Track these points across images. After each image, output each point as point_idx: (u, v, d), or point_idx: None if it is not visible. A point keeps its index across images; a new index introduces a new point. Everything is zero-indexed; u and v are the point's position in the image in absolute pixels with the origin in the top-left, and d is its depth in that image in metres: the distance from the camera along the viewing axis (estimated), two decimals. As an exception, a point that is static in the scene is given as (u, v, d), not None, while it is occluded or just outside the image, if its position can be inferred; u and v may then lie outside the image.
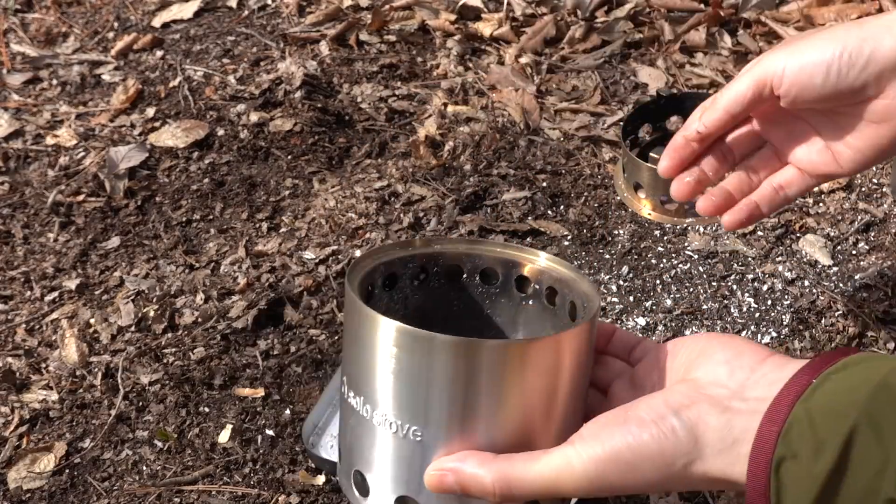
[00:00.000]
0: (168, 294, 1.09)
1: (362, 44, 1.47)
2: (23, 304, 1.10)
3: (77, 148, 1.32)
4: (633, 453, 0.50)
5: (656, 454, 0.50)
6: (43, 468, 0.92)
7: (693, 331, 1.00)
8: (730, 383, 0.51)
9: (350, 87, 1.38)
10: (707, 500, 0.85)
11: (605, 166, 1.22)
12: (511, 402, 0.53)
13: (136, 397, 0.98)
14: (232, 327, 1.03)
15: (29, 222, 1.22)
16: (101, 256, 1.16)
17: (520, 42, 1.46)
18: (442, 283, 0.68)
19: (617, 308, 1.03)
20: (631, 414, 0.51)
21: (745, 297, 1.03)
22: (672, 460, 0.50)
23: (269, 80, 1.38)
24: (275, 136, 1.29)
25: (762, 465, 0.47)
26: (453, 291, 0.68)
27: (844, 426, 0.46)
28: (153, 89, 1.41)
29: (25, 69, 1.49)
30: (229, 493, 0.88)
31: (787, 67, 0.68)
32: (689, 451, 0.50)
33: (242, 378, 0.98)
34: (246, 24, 1.54)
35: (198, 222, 1.19)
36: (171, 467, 0.91)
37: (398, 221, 1.16)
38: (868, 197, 1.13)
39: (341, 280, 1.08)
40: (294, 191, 1.22)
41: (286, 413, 0.94)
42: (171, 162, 1.28)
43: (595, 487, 0.50)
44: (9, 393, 0.99)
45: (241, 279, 1.09)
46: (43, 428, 0.96)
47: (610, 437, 0.51)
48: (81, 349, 1.03)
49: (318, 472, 0.89)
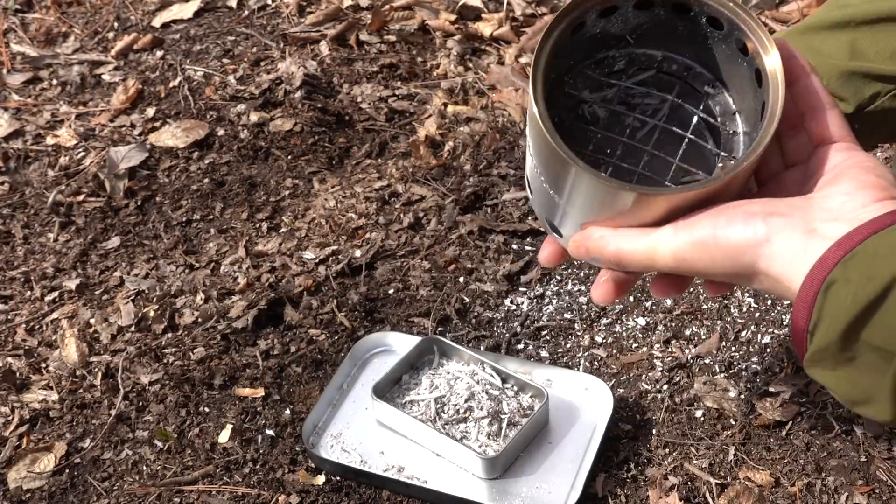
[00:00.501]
0: (168, 294, 1.09)
1: (362, 44, 1.47)
2: (23, 304, 1.10)
3: (77, 148, 1.32)
4: (715, 243, 0.55)
5: (732, 246, 0.55)
6: (43, 468, 0.92)
7: (693, 331, 1.00)
8: (835, 212, 0.55)
9: (350, 87, 1.38)
10: (707, 500, 0.85)
11: (605, 166, 1.22)
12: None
13: (136, 397, 0.98)
14: (232, 327, 1.03)
15: (29, 222, 1.22)
16: (101, 256, 1.16)
17: (520, 42, 1.46)
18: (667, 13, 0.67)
19: (617, 308, 1.03)
20: (729, 211, 0.56)
21: (745, 297, 1.03)
22: (742, 252, 0.55)
23: (269, 80, 1.38)
24: (275, 136, 1.29)
25: (816, 281, 0.52)
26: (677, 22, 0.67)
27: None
28: (153, 89, 1.41)
29: (25, 69, 1.49)
30: (229, 493, 0.88)
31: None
32: (760, 252, 0.54)
33: (242, 378, 0.98)
34: (246, 24, 1.54)
35: (198, 222, 1.19)
36: (171, 467, 0.91)
37: (398, 221, 1.16)
38: (868, 197, 1.13)
39: (341, 280, 1.08)
40: (294, 191, 1.22)
41: (286, 413, 0.94)
42: (171, 162, 1.28)
43: (680, 266, 0.57)
44: (9, 393, 0.99)
45: (241, 279, 1.09)
46: (43, 428, 0.96)
47: (702, 226, 0.56)
48: (81, 349, 1.03)
49: (318, 472, 0.89)
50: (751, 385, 0.93)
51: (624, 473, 0.87)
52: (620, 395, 0.94)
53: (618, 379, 0.96)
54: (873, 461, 0.86)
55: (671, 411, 0.92)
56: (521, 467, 0.87)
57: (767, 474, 0.86)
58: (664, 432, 0.90)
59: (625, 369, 0.97)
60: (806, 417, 0.90)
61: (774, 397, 0.91)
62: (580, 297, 1.05)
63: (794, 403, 0.91)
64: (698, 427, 0.91)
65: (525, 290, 1.06)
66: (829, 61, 0.72)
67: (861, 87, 0.73)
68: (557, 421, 0.91)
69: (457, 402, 0.90)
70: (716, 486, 0.85)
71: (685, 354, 0.97)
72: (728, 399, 0.92)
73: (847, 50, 0.72)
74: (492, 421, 0.88)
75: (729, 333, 0.99)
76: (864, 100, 0.73)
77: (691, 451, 0.89)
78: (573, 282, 1.07)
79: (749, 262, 0.55)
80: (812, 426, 0.90)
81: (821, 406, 0.91)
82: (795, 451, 0.88)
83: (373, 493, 0.87)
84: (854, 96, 0.73)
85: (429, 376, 0.93)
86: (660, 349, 0.98)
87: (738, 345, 0.98)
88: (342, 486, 0.88)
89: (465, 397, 0.90)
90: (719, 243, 0.55)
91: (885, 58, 0.71)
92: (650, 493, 0.85)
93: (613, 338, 1.00)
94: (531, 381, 0.91)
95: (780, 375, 0.94)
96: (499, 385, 0.91)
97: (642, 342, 0.99)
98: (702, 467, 0.87)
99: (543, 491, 0.85)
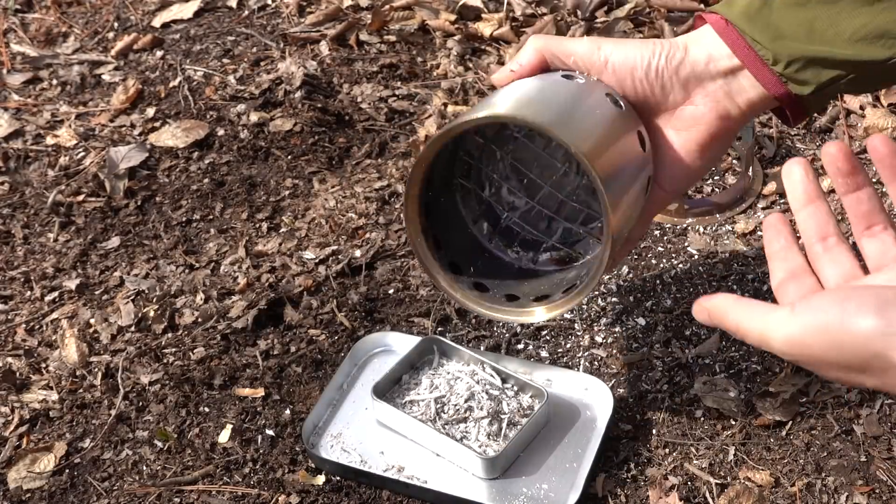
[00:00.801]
0: (168, 294, 1.09)
1: (362, 44, 1.47)
2: (23, 304, 1.10)
3: (77, 148, 1.32)
4: (843, 329, 0.51)
5: (863, 334, 0.50)
6: (43, 468, 0.92)
7: (693, 331, 1.00)
8: None
9: (350, 87, 1.38)
10: (707, 500, 0.85)
11: (605, 166, 1.22)
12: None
13: (136, 397, 0.98)
14: (232, 327, 1.03)
15: (29, 222, 1.22)
16: (101, 256, 1.16)
17: (520, 42, 1.46)
18: None
19: (617, 308, 1.03)
20: (859, 294, 0.52)
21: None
22: (873, 342, 0.50)
23: (269, 80, 1.38)
24: (275, 136, 1.29)
25: None
26: None
27: None
28: (153, 89, 1.41)
29: (25, 69, 1.49)
30: (229, 493, 0.88)
31: (611, 57, 0.77)
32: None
33: (242, 378, 0.98)
34: (246, 24, 1.54)
35: (198, 222, 1.19)
36: (171, 467, 0.91)
37: (398, 221, 1.16)
38: (868, 197, 1.13)
39: (341, 280, 1.08)
40: (294, 191, 1.22)
41: (286, 413, 0.94)
42: (171, 162, 1.28)
43: (793, 351, 0.54)
44: (9, 393, 0.99)
45: (241, 279, 1.09)
46: (43, 428, 0.96)
47: (825, 308, 0.52)
48: (81, 349, 1.03)
49: (318, 472, 0.89)
50: (751, 385, 0.93)
51: (624, 473, 0.87)
52: (620, 395, 0.94)
53: (618, 379, 0.96)
54: (873, 461, 0.86)
55: (671, 411, 0.92)
56: (521, 467, 0.87)
57: (767, 474, 0.86)
58: (664, 432, 0.90)
59: (625, 369, 0.97)
60: (806, 417, 0.91)
61: (774, 397, 0.91)
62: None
63: (794, 403, 0.91)
64: (698, 427, 0.91)
65: (525, 290, 1.06)
66: (789, 45, 0.72)
67: (820, 73, 0.73)
68: (557, 421, 0.91)
69: (457, 402, 0.90)
70: (716, 486, 0.85)
71: (685, 354, 0.97)
72: (728, 399, 0.92)
73: (806, 29, 0.71)
74: (492, 421, 0.88)
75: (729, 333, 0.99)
76: (822, 83, 0.73)
77: (691, 451, 0.89)
78: (573, 282, 1.07)
79: (882, 352, 0.50)
80: (812, 426, 0.90)
81: (821, 406, 0.91)
82: (795, 451, 0.88)
83: (373, 493, 0.87)
84: (814, 79, 0.73)
85: (429, 376, 0.93)
86: (660, 349, 0.98)
87: (738, 345, 0.98)
88: (342, 486, 0.88)
89: (465, 397, 0.90)
90: (848, 329, 0.51)
91: (843, 40, 0.71)
92: (650, 493, 0.85)
93: (613, 338, 1.00)
94: (531, 381, 0.91)
95: (780, 375, 0.94)
96: (499, 385, 0.91)
97: (642, 342, 0.99)
98: (702, 467, 0.87)
99: (543, 491, 0.85)
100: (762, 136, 1.22)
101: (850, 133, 1.21)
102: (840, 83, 0.73)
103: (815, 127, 1.23)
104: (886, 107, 1.24)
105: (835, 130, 1.22)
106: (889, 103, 1.24)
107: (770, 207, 1.13)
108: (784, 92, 0.75)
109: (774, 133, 1.23)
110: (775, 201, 1.14)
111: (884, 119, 1.21)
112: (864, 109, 1.24)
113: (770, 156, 1.20)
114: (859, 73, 0.72)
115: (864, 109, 1.24)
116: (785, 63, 0.73)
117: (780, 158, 1.19)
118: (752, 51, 0.74)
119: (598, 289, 1.05)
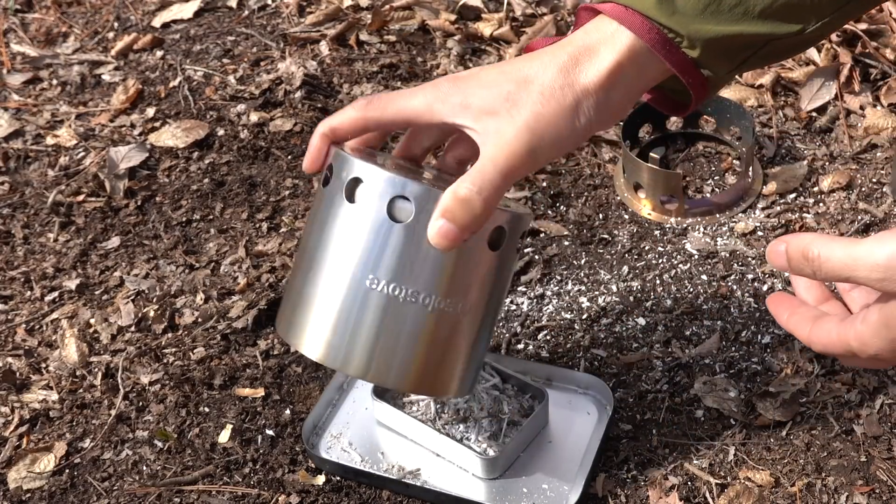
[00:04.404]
0: (168, 294, 1.09)
1: (362, 44, 1.47)
2: (23, 304, 1.10)
3: (77, 148, 1.32)
4: None
5: None
6: (43, 468, 0.92)
7: (693, 331, 1.00)
8: None
9: (350, 87, 1.38)
10: (707, 500, 0.85)
11: (605, 166, 1.22)
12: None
13: (136, 397, 0.98)
14: (232, 327, 1.03)
15: (29, 222, 1.22)
16: (101, 256, 1.16)
17: (520, 42, 1.46)
18: None
19: (617, 308, 1.03)
20: None
21: (746, 297, 1.03)
22: None
23: (269, 80, 1.38)
24: (275, 136, 1.29)
25: None
26: None
27: None
28: (153, 89, 1.41)
29: (25, 69, 1.49)
30: (229, 493, 0.88)
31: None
32: None
33: (242, 378, 0.98)
34: (246, 24, 1.54)
35: (198, 222, 1.19)
36: (171, 467, 0.91)
37: (398, 221, 1.16)
38: (868, 197, 1.13)
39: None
40: (294, 191, 1.22)
41: (286, 413, 0.94)
42: (171, 162, 1.28)
43: (891, 275, 0.55)
44: (9, 393, 0.99)
45: (241, 279, 1.09)
46: (43, 428, 0.96)
47: None
48: (81, 349, 1.03)
49: (318, 472, 0.89)
50: (751, 385, 0.93)
51: (624, 473, 0.87)
52: (620, 395, 0.94)
53: (618, 379, 0.96)
54: (873, 461, 0.86)
55: (671, 411, 0.92)
56: (521, 467, 0.87)
57: (767, 474, 0.86)
58: (664, 432, 0.90)
59: (625, 369, 0.97)
60: (806, 417, 0.91)
61: (774, 397, 0.91)
62: (580, 297, 1.05)
63: (794, 403, 0.91)
64: (698, 427, 0.91)
65: (525, 290, 1.06)
66: (701, 28, 0.69)
67: (735, 56, 0.71)
68: (557, 421, 0.91)
69: (457, 402, 0.90)
70: (716, 486, 0.85)
71: (685, 354, 0.97)
72: (728, 399, 0.92)
73: (713, 10, 0.68)
74: (492, 421, 0.88)
75: (729, 333, 0.99)
76: (736, 65, 0.72)
77: (691, 451, 0.89)
78: (573, 282, 1.07)
79: None
80: (812, 426, 0.90)
81: (821, 406, 0.91)
82: (795, 451, 0.88)
83: (373, 493, 0.87)
84: (728, 63, 0.72)
85: (429, 376, 0.93)
86: (660, 349, 0.98)
87: (738, 345, 0.98)
88: (342, 486, 0.88)
89: (465, 397, 0.90)
90: None
91: (753, 17, 0.69)
92: (650, 493, 0.85)
93: (613, 338, 1.00)
94: (531, 381, 0.91)
95: (780, 375, 0.94)
96: (499, 385, 0.91)
97: (642, 342, 0.99)
98: (702, 467, 0.87)
99: (543, 491, 0.86)
100: (762, 136, 1.22)
101: (851, 133, 1.21)
102: (752, 59, 0.72)
103: (816, 127, 1.23)
104: (886, 107, 1.24)
105: (835, 131, 1.22)
106: (889, 103, 1.24)
107: (770, 207, 1.13)
108: (699, 78, 0.72)
109: (774, 133, 1.23)
110: (775, 201, 1.14)
111: (884, 119, 1.21)
112: (864, 109, 1.24)
113: (770, 156, 1.20)
114: (772, 49, 0.71)
115: (864, 109, 1.24)
116: (699, 50, 0.70)
117: (779, 158, 1.19)
118: (662, 35, 0.69)
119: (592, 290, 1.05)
